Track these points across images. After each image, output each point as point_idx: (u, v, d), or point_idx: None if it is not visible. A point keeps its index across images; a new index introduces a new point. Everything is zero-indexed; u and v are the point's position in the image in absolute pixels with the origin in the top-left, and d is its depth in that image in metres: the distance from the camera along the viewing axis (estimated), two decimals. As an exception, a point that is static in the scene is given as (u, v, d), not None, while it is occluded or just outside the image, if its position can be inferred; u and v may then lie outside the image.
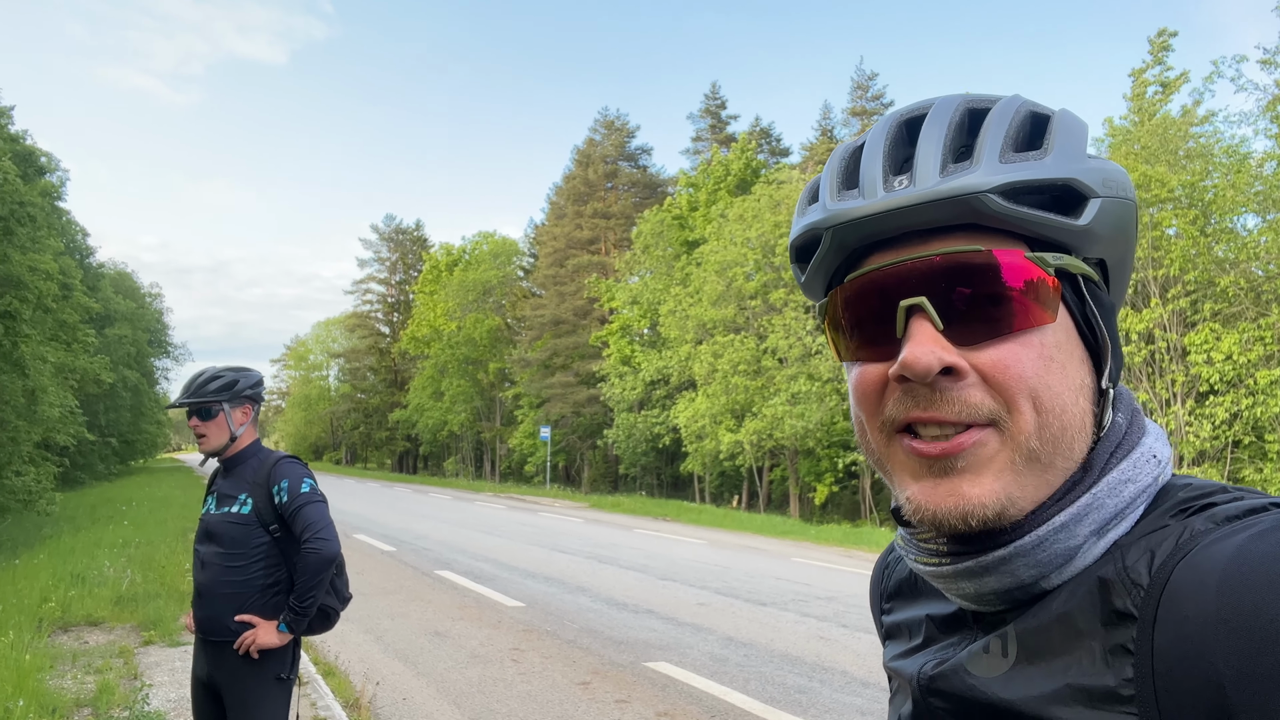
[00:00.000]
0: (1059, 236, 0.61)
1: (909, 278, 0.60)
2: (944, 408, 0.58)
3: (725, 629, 8.10)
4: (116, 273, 47.57)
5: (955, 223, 0.60)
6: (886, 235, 0.62)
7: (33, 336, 16.37)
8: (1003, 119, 0.62)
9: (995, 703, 0.59)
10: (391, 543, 14.85)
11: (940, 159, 0.60)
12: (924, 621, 0.73)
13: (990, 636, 0.62)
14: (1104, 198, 0.61)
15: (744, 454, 27.24)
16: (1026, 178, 0.59)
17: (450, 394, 50.95)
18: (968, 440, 0.58)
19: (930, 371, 0.57)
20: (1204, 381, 17.32)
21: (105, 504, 21.87)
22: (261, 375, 3.23)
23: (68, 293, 22.82)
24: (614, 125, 46.09)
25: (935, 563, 0.64)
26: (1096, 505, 0.59)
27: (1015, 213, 0.58)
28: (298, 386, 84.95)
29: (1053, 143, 0.61)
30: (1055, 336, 0.60)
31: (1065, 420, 0.59)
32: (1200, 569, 0.51)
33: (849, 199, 0.63)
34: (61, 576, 9.49)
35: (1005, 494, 0.58)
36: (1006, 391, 0.58)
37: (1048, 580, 0.60)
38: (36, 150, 22.69)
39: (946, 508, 0.59)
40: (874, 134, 0.66)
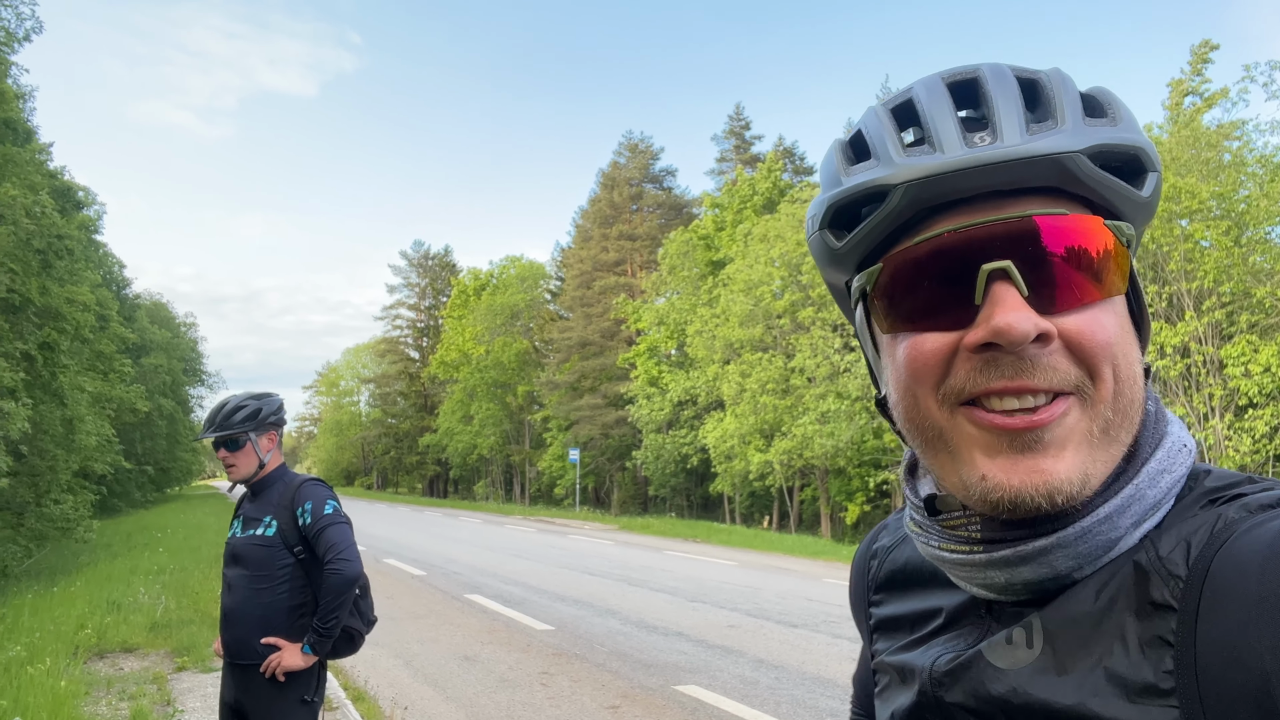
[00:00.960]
0: (1125, 207, 0.59)
1: (991, 240, 0.56)
2: (1035, 375, 0.55)
3: (756, 651, 8.01)
4: (152, 303, 48.52)
5: (1037, 184, 0.57)
6: (962, 195, 0.58)
7: (70, 367, 16.71)
8: (1067, 86, 0.60)
9: (1021, 695, 0.57)
10: (422, 567, 14.88)
11: (1023, 118, 0.58)
12: (929, 613, 0.70)
13: (1013, 627, 0.59)
14: (1158, 172, 0.60)
15: (774, 474, 27.06)
16: (1110, 141, 0.57)
17: (479, 418, 51.19)
18: (1057, 410, 0.56)
19: (1027, 338, 0.54)
20: (1242, 395, 16.97)
21: (141, 531, 22.17)
22: (281, 399, 3.27)
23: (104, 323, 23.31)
24: (638, 148, 46.39)
25: (965, 550, 0.61)
26: (1139, 496, 0.57)
27: (1102, 178, 0.57)
28: (329, 413, 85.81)
29: (1118, 113, 0.60)
30: (1123, 306, 0.60)
31: (1134, 392, 0.58)
32: (1240, 558, 0.50)
33: (920, 155, 0.59)
34: (98, 603, 9.61)
35: (1084, 469, 0.56)
36: (1092, 358, 0.56)
37: (1081, 571, 0.58)
38: (74, 185, 23.26)
39: (1032, 485, 0.55)
40: (927, 91, 0.62)
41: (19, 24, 14.06)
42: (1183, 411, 18.19)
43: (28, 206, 12.81)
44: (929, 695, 0.64)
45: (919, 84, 0.64)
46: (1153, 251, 18.69)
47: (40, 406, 15.39)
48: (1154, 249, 18.52)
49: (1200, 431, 17.89)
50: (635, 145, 46.49)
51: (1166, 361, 18.06)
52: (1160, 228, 17.87)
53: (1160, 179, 0.61)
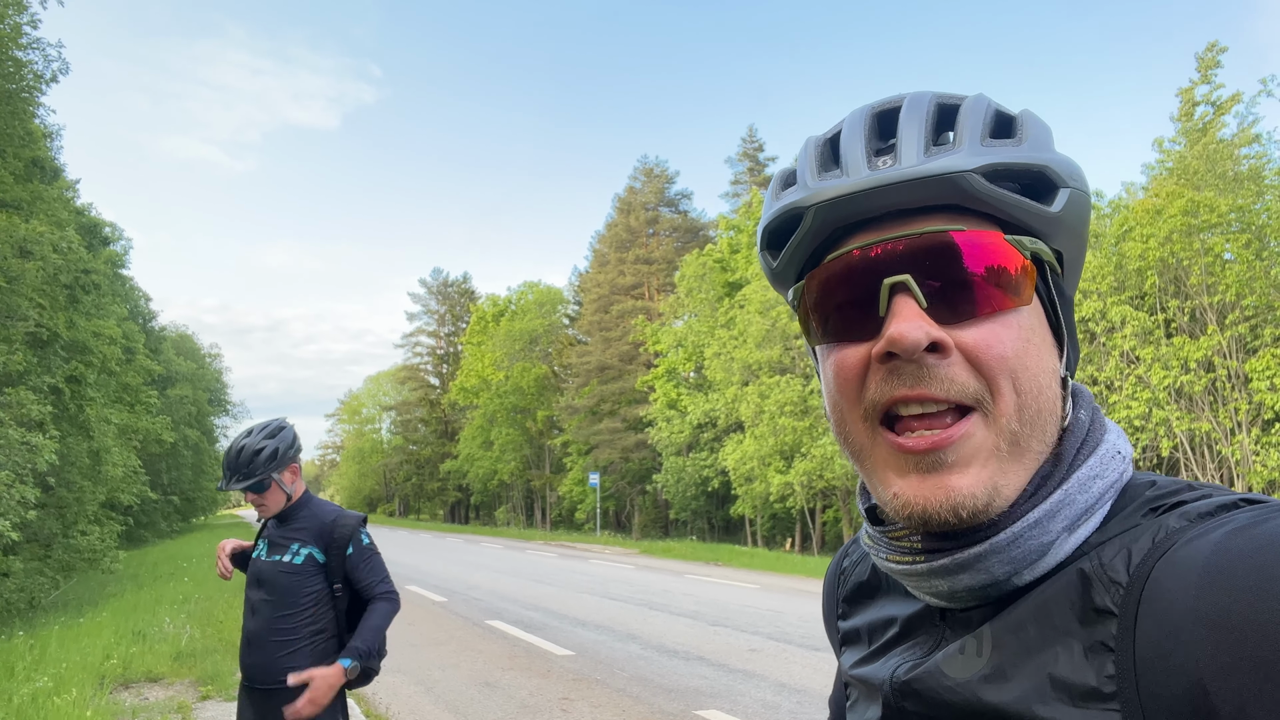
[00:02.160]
0: (1032, 222, 0.62)
1: (892, 256, 0.61)
2: (932, 385, 0.59)
3: (778, 675, 7.97)
4: (178, 335, 49.22)
5: (937, 203, 0.61)
6: (869, 215, 0.62)
7: (97, 399, 16.97)
8: (976, 110, 0.64)
9: (974, 704, 0.58)
10: (443, 593, 14.91)
11: (923, 140, 0.62)
12: (887, 623, 0.72)
13: (965, 638, 0.61)
14: (1072, 188, 0.62)
15: (794, 495, 26.91)
16: (1006, 160, 0.60)
17: (500, 443, 51.29)
18: (957, 432, 0.59)
19: (918, 346, 0.58)
20: (1269, 409, 16.74)
21: (167, 561, 22.35)
22: (294, 429, 3.31)
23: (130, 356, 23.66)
24: (653, 172, 46.66)
25: (909, 561, 0.63)
26: (1068, 501, 0.59)
27: (996, 194, 0.60)
28: (351, 440, 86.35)
29: (1025, 133, 0.63)
30: (1030, 320, 0.61)
31: (1041, 402, 0.60)
32: (1180, 566, 0.52)
33: (831, 179, 0.63)
34: (124, 633, 9.70)
35: (991, 483, 0.59)
36: (989, 370, 0.59)
37: (1020, 576, 0.60)
38: (101, 221, 23.72)
39: (937, 501, 0.59)
40: (850, 121, 0.67)
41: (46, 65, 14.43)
42: (1208, 426, 17.97)
43: (55, 242, 13.09)
44: (891, 707, 0.66)
45: (849, 116, 0.68)
46: (1173, 266, 18.55)
47: (68, 439, 15.62)
48: (1174, 263, 18.39)
49: (1226, 447, 17.66)
50: (650, 170, 46.79)
51: (1190, 376, 17.86)
52: (1180, 242, 17.74)
53: (1078, 195, 0.63)
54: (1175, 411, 18.15)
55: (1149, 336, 18.78)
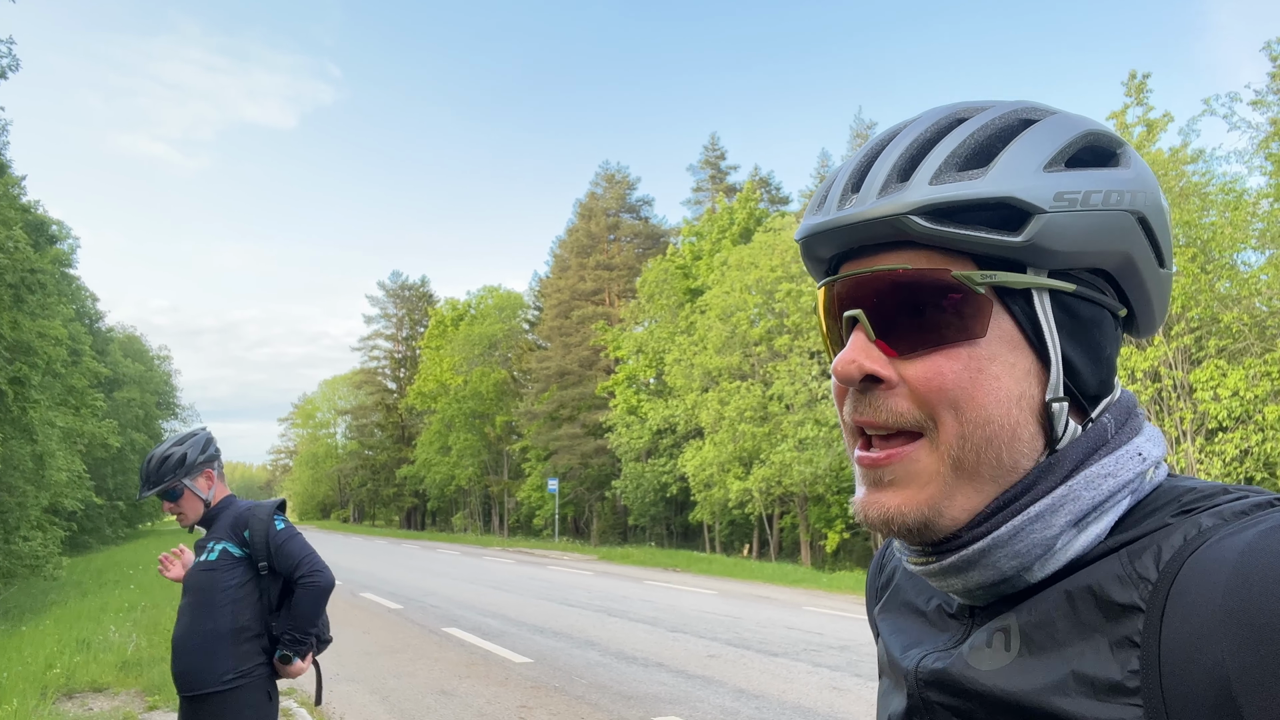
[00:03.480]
0: (1003, 253, 0.60)
1: (852, 290, 0.64)
2: (873, 413, 0.63)
3: (736, 681, 7.99)
4: (125, 336, 48.07)
5: (895, 239, 0.62)
6: (848, 248, 0.66)
7: (41, 402, 16.48)
8: (965, 132, 0.63)
9: (999, 695, 0.59)
10: (399, 600, 14.72)
11: (885, 178, 0.62)
12: (919, 616, 0.74)
13: (992, 630, 0.62)
14: (1054, 213, 0.59)
15: (753, 502, 27.06)
16: (952, 197, 0.59)
17: (457, 448, 50.87)
18: (897, 454, 0.62)
19: (851, 378, 0.62)
20: (1212, 418, 17.23)
21: (112, 568, 21.78)
22: (208, 434, 3.23)
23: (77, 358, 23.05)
24: (615, 178, 46.71)
25: (923, 561, 0.66)
26: (1073, 496, 0.60)
27: (939, 233, 0.60)
28: (305, 445, 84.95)
29: (1001, 158, 0.61)
30: (989, 349, 0.61)
31: (990, 430, 0.60)
32: (1209, 564, 0.52)
33: (818, 214, 0.67)
34: (67, 642, 9.42)
35: (929, 504, 0.62)
36: (928, 402, 0.61)
37: (1030, 573, 0.61)
38: (48, 219, 23.10)
39: (873, 513, 0.64)
40: (865, 146, 0.69)
41: (-7, 61, 14.02)
42: (1154, 435, 18.41)
43: (0, 241, 12.70)
44: (916, 697, 0.67)
45: (868, 140, 0.71)
46: (1121, 278, 18.97)
47: (10, 442, 15.16)
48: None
49: (1172, 455, 18.13)
50: (612, 176, 46.82)
51: (1137, 386, 18.32)
52: (1128, 255, 18.15)
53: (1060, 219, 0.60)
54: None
55: (1098, 347, 19.18)
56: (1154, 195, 0.64)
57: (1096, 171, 0.62)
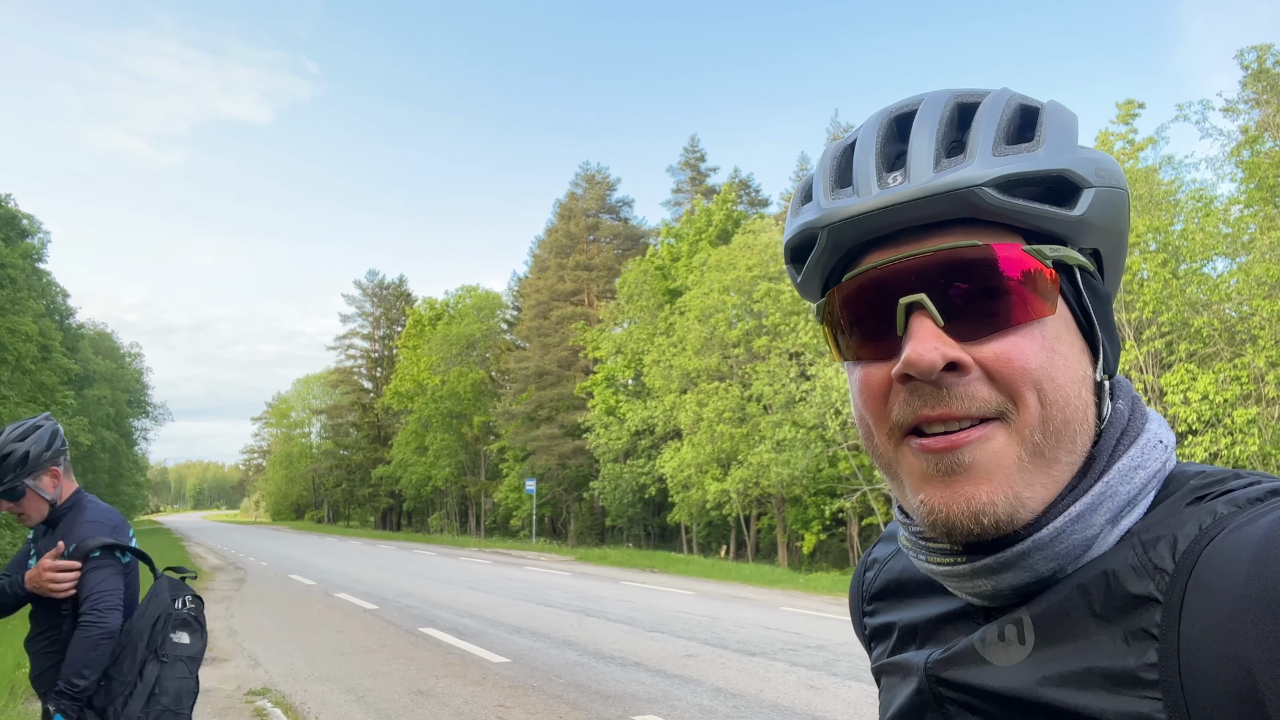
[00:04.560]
0: (1054, 228, 0.61)
1: (907, 275, 0.60)
2: (952, 404, 0.58)
3: (714, 680, 8.00)
4: (96, 333, 47.38)
5: (952, 217, 0.60)
6: (883, 232, 0.62)
7: (10, 398, 16.23)
8: (993, 112, 0.62)
9: (1013, 689, 0.58)
10: (374, 601, 14.62)
11: (934, 153, 0.60)
12: (923, 618, 0.71)
13: (1004, 623, 0.60)
14: (1097, 188, 0.61)
15: (731, 503, 27.12)
16: (1021, 170, 0.59)
17: (434, 449, 50.60)
18: (975, 434, 0.58)
19: (934, 368, 0.57)
20: (1182, 422, 17.48)
21: (82, 568, 21.44)
22: (53, 427, 2.95)
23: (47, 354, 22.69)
24: (595, 179, 46.68)
25: (950, 562, 0.62)
26: (1110, 493, 0.59)
27: (1011, 205, 0.59)
28: (279, 444, 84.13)
29: (1045, 134, 0.61)
30: (1055, 328, 0.60)
31: (1069, 412, 0.59)
32: (1228, 553, 0.50)
33: (843, 197, 0.63)
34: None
35: (1014, 493, 0.58)
36: (1011, 384, 0.58)
37: (1064, 572, 0.59)
38: (18, 213, 22.73)
39: (959, 510, 0.58)
40: (865, 131, 0.66)
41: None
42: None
43: (-32, 234, 12.49)
44: (926, 691, 0.65)
45: (865, 122, 0.67)
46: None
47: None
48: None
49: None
50: (592, 176, 46.80)
51: (1110, 389, 18.54)
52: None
53: (1105, 193, 0.61)
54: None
55: (1072, 350, 19.43)
56: None
57: (1099, 151, 0.64)
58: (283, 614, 13.31)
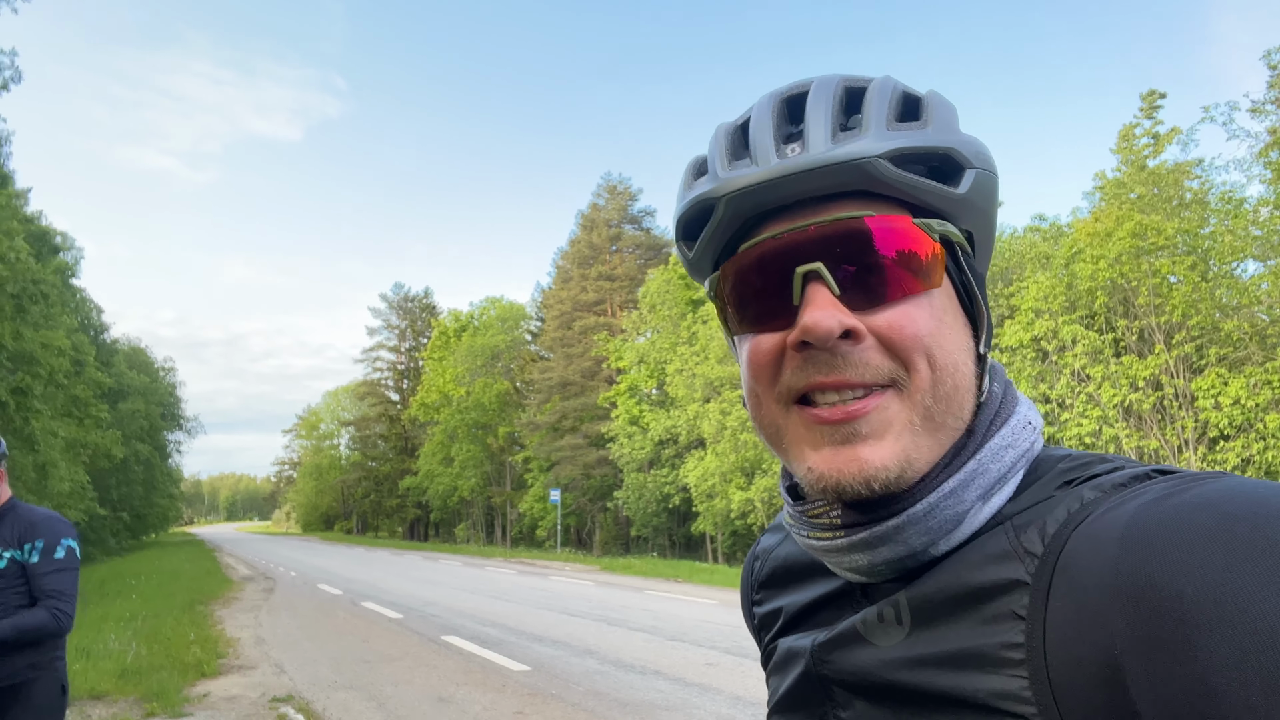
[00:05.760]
0: (940, 205, 0.62)
1: (804, 244, 0.61)
2: (847, 371, 0.60)
3: (734, 689, 7.98)
4: (130, 348, 48.18)
5: (846, 189, 0.61)
6: (780, 203, 0.63)
7: (44, 412, 16.56)
8: (883, 93, 0.64)
9: (891, 669, 0.60)
10: (399, 610, 14.72)
11: (830, 127, 0.62)
12: (807, 602, 0.73)
13: (884, 605, 0.62)
14: (978, 169, 0.63)
15: (755, 512, 27.02)
16: (913, 145, 0.61)
17: (460, 459, 50.86)
18: (870, 404, 0.60)
19: (831, 335, 0.59)
20: (1214, 427, 17.20)
21: (115, 579, 21.78)
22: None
23: (80, 369, 23.13)
24: (616, 189, 46.84)
25: (829, 537, 0.64)
26: (982, 470, 0.60)
27: (904, 179, 0.60)
28: (309, 456, 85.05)
29: (933, 115, 0.63)
30: (942, 301, 0.62)
31: (957, 379, 0.61)
32: (1094, 537, 0.52)
33: (741, 168, 0.64)
34: (67, 651, 9.44)
35: (904, 455, 0.60)
36: (903, 351, 0.60)
37: (936, 547, 0.61)
38: (51, 230, 23.24)
39: (850, 473, 0.59)
40: (759, 109, 0.67)
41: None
42: (1156, 444, 18.40)
43: (2, 252, 12.79)
44: (812, 673, 0.67)
45: (758, 101, 0.68)
46: (1122, 287, 19.04)
47: (12, 452, 15.22)
48: (1123, 284, 18.87)
49: (1176, 464, 18.05)
50: (614, 187, 46.96)
51: (1139, 395, 18.30)
52: (1129, 263, 18.23)
53: (984, 175, 0.63)
54: (1124, 429, 18.57)
55: (1099, 355, 19.23)
56: None
57: (976, 137, 0.65)
58: (309, 623, 13.44)
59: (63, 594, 2.82)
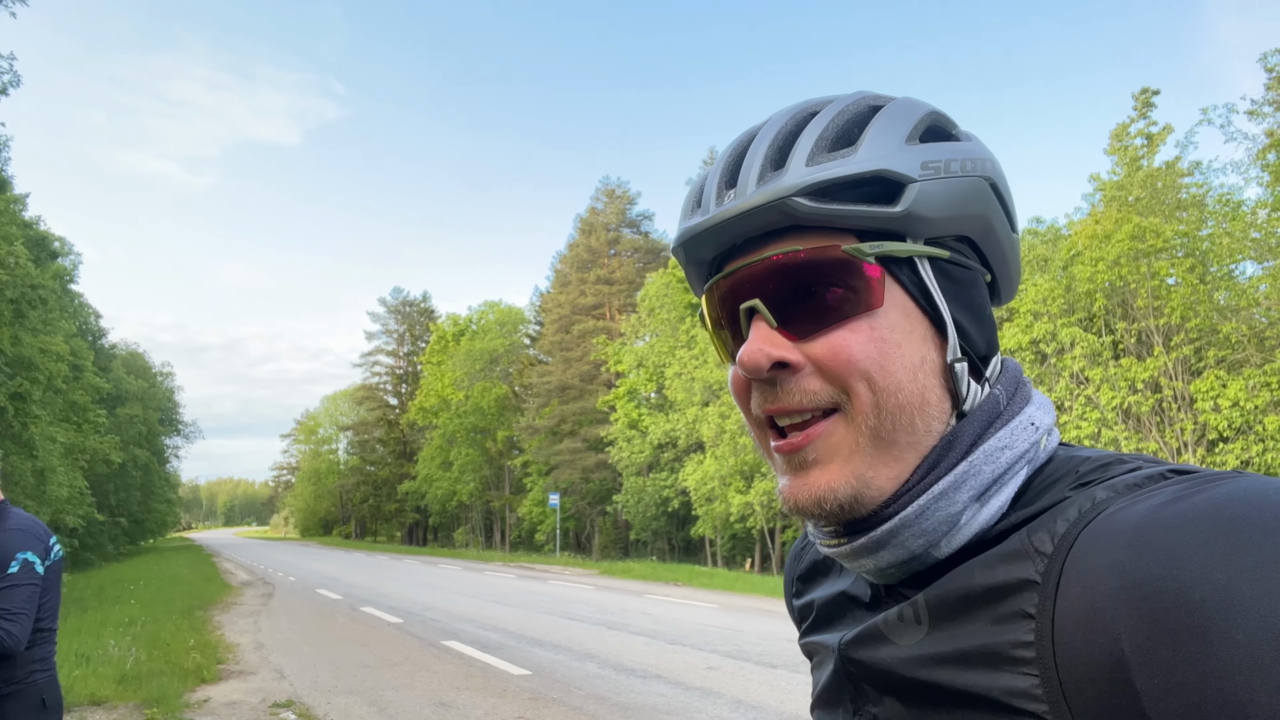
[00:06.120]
0: (882, 225, 0.63)
1: (745, 282, 0.65)
2: (786, 399, 0.63)
3: (734, 693, 7.97)
4: (128, 353, 48.15)
5: (779, 226, 0.64)
6: (729, 244, 0.67)
7: (42, 417, 16.52)
8: (822, 121, 0.65)
9: (912, 667, 0.61)
10: (399, 614, 14.70)
11: (760, 168, 0.64)
12: (839, 598, 0.75)
13: (905, 605, 0.63)
14: (924, 181, 0.63)
15: (754, 515, 27.02)
16: (831, 175, 0.62)
17: (459, 464, 50.83)
18: (815, 432, 0.63)
19: (760, 369, 0.62)
20: (1213, 429, 17.21)
21: (113, 584, 21.75)
22: None
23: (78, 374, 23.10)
24: (615, 193, 46.89)
25: (836, 544, 0.66)
26: (974, 472, 0.61)
27: (824, 210, 0.62)
28: (307, 461, 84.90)
29: (867, 136, 0.64)
30: (887, 319, 0.63)
31: (901, 397, 0.62)
32: (1104, 537, 0.52)
33: (695, 216, 0.68)
34: (66, 656, 9.42)
35: (856, 476, 0.62)
36: (839, 377, 0.62)
37: (937, 549, 0.62)
38: (50, 235, 23.22)
39: (803, 497, 0.63)
40: (723, 151, 0.70)
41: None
42: (1155, 447, 18.41)
43: (1, 257, 12.78)
44: (841, 671, 0.69)
45: (727, 145, 0.72)
46: (1121, 289, 19.06)
47: (11, 457, 15.19)
48: (1121, 287, 18.90)
49: (1173, 466, 18.03)
50: (612, 191, 47.01)
51: (1138, 397, 18.31)
52: (1127, 266, 18.26)
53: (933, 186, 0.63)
54: (1123, 431, 18.58)
55: (1098, 358, 19.24)
56: (997, 164, 0.69)
57: (947, 144, 0.66)
58: (309, 628, 13.41)
59: (8, 611, 2.67)
